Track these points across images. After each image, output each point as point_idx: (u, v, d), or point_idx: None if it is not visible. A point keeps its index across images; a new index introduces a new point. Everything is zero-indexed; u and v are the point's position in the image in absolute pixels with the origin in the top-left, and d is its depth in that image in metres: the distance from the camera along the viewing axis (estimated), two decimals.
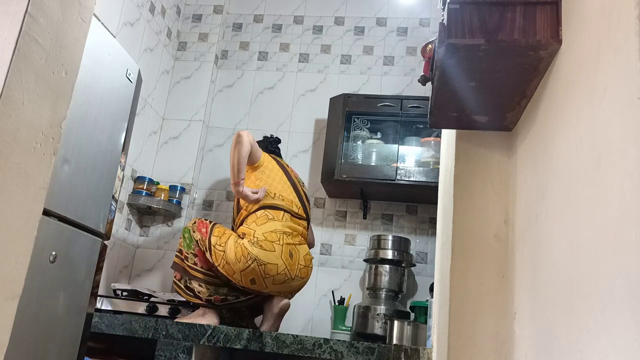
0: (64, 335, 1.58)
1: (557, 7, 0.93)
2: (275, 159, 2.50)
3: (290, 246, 2.21)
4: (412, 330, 2.11)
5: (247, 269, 2.12)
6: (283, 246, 2.18)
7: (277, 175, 2.40)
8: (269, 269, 2.13)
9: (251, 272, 2.13)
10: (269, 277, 2.14)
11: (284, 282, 2.19)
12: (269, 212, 2.27)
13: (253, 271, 2.12)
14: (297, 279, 2.23)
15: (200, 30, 3.34)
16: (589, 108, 0.75)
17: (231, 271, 2.14)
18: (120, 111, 1.82)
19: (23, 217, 1.07)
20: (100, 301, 2.28)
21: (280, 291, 2.23)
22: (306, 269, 2.27)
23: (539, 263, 0.94)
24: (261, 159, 2.39)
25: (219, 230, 2.24)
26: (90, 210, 1.66)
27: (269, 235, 2.19)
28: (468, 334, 1.16)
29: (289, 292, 2.27)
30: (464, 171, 1.26)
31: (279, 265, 2.15)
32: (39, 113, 1.10)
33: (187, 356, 2.04)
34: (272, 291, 2.22)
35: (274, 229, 2.22)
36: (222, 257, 2.15)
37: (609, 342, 0.62)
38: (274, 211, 2.28)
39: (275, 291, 2.22)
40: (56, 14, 1.13)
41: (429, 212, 2.93)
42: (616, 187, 0.63)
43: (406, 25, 3.27)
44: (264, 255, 2.13)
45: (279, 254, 2.16)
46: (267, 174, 2.38)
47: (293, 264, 2.20)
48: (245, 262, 2.12)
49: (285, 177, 2.42)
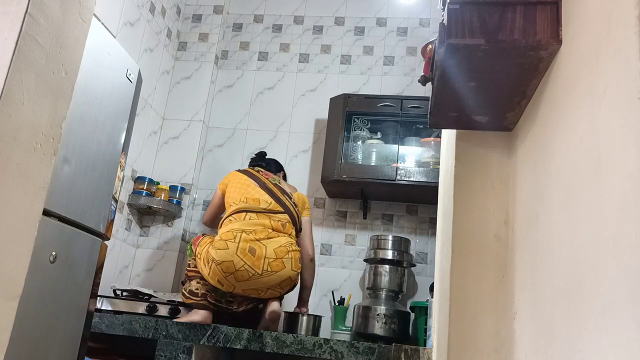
0: (64, 335, 1.58)
1: (557, 7, 0.93)
2: (246, 171, 2.58)
3: (251, 242, 2.22)
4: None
5: (211, 271, 2.21)
6: (239, 243, 2.21)
7: (239, 183, 2.49)
8: (226, 266, 2.17)
9: (214, 274, 2.20)
10: (229, 274, 2.17)
11: (250, 279, 2.18)
12: (233, 217, 2.37)
13: (215, 272, 2.20)
14: (267, 273, 2.19)
15: (200, 30, 3.34)
16: (589, 108, 0.75)
17: (205, 276, 2.25)
18: (121, 111, 1.82)
19: (23, 217, 1.07)
20: (100, 301, 2.28)
21: (253, 288, 2.21)
22: (278, 261, 2.22)
23: (539, 263, 0.94)
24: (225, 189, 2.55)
25: (204, 240, 2.37)
26: (90, 211, 1.66)
27: (224, 235, 2.26)
28: (468, 334, 1.16)
29: (265, 289, 2.23)
30: (464, 171, 1.26)
31: (234, 262, 2.17)
32: (39, 113, 1.10)
33: (187, 356, 2.04)
34: (245, 290, 2.22)
35: (231, 229, 2.28)
36: (199, 265, 2.29)
37: (609, 342, 0.62)
38: (236, 214, 2.37)
39: (248, 290, 2.21)
40: (56, 14, 1.14)
41: (429, 212, 2.93)
42: (616, 187, 0.63)
43: (406, 25, 3.27)
44: (218, 255, 2.19)
45: (233, 252, 2.19)
46: (230, 191, 2.50)
47: (257, 259, 2.18)
48: (208, 266, 2.21)
49: (250, 180, 2.50)
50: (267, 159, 2.78)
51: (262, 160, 2.73)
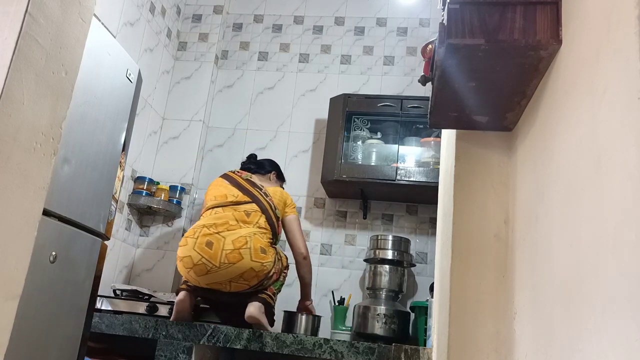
0: (64, 335, 1.58)
1: (557, 7, 0.93)
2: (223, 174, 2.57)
3: (209, 236, 2.22)
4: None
5: (179, 268, 2.27)
6: (198, 238, 2.23)
7: (214, 186, 2.50)
8: (186, 262, 2.21)
9: (180, 270, 2.27)
10: (190, 269, 2.20)
11: (209, 273, 2.16)
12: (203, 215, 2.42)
13: (180, 268, 2.27)
14: (225, 266, 2.16)
15: (200, 30, 3.34)
16: (589, 108, 0.75)
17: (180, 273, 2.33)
18: (121, 111, 1.82)
19: (23, 217, 1.07)
20: (100, 301, 2.28)
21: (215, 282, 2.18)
22: (236, 252, 2.17)
23: (539, 263, 0.94)
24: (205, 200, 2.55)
25: None
26: (90, 210, 1.66)
27: (188, 232, 2.31)
28: (468, 334, 1.16)
29: (227, 282, 2.18)
30: (464, 171, 1.26)
31: (192, 256, 2.19)
32: (39, 113, 1.10)
33: (187, 356, 2.04)
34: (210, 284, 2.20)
35: (194, 227, 2.32)
36: None
37: (609, 342, 0.62)
38: (205, 212, 2.41)
39: (212, 284, 2.20)
40: (56, 14, 1.13)
41: (429, 212, 2.93)
42: (616, 187, 0.63)
43: (406, 25, 3.27)
44: (180, 252, 2.26)
45: (191, 247, 2.21)
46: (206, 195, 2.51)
47: (214, 252, 2.17)
48: (178, 263, 2.27)
49: (223, 180, 2.51)
50: (259, 160, 2.73)
51: (251, 163, 2.69)
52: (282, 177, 2.74)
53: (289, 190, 3.00)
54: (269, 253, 2.24)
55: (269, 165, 2.71)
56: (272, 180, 2.65)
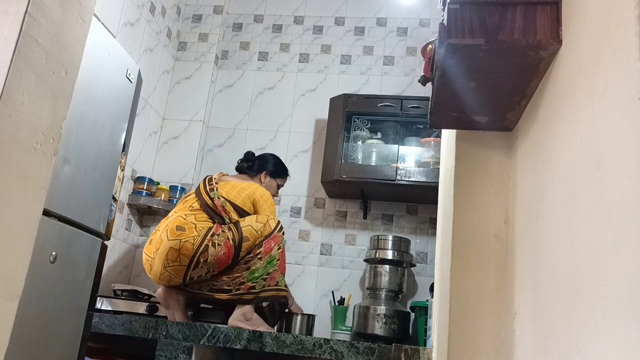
0: (64, 335, 1.58)
1: (557, 7, 0.93)
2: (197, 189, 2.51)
3: (153, 235, 2.26)
4: None
5: None
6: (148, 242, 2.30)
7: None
8: (146, 268, 2.25)
9: None
10: (149, 274, 2.23)
11: (152, 268, 2.18)
12: None
13: None
14: (154, 254, 2.18)
15: (200, 30, 3.34)
16: (589, 108, 0.75)
17: None
18: (121, 111, 1.82)
19: (23, 217, 1.07)
20: (100, 301, 2.28)
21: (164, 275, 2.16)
22: (158, 238, 2.19)
23: (539, 263, 0.94)
24: None
25: None
26: (90, 211, 1.66)
27: None
28: (468, 334, 1.16)
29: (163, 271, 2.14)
30: (464, 171, 1.26)
31: (143, 259, 2.26)
32: (39, 113, 1.10)
33: (187, 356, 2.04)
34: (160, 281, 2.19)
35: None
36: None
37: (609, 342, 0.62)
38: None
39: (163, 282, 2.20)
40: (56, 14, 1.13)
41: (429, 212, 2.93)
42: (616, 187, 0.63)
43: (406, 25, 3.27)
44: None
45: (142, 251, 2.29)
46: None
47: (150, 248, 2.22)
48: None
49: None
50: (252, 158, 2.61)
51: (245, 161, 2.60)
52: (278, 173, 2.60)
53: (289, 189, 3.00)
54: (189, 229, 2.16)
55: (259, 165, 2.57)
56: (264, 181, 2.53)
